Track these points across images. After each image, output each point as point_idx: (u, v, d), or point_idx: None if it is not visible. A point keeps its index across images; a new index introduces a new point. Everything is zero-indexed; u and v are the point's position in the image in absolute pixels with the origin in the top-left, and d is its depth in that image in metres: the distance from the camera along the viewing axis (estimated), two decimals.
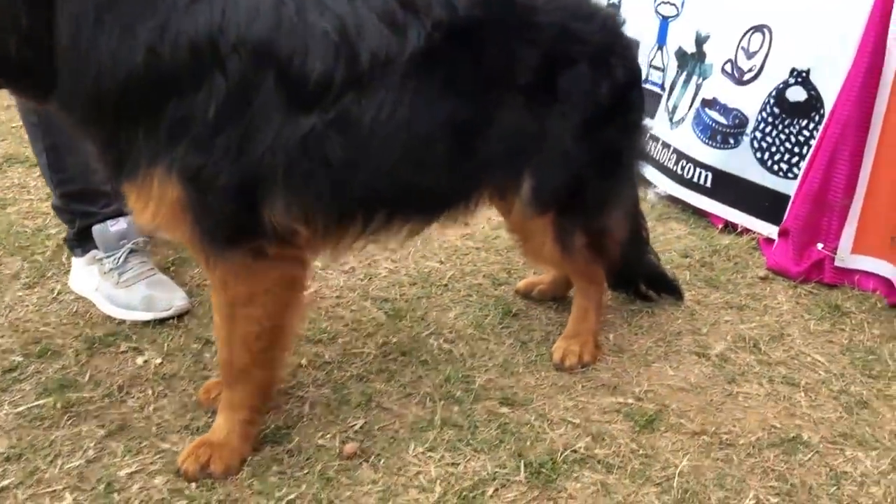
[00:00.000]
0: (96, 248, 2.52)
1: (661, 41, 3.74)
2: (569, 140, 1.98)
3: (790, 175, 2.95)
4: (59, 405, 2.02)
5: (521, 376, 2.23)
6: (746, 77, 3.10)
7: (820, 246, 2.78)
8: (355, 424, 2.00)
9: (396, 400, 2.11)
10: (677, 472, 1.86)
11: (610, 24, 2.06)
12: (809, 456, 1.94)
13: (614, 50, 2.03)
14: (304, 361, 2.26)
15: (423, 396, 2.12)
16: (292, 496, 1.75)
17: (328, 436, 1.95)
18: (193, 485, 1.77)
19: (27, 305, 2.50)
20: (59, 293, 2.58)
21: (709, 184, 3.26)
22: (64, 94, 1.59)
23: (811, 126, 2.88)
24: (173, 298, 2.45)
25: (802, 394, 2.19)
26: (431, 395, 2.12)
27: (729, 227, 3.19)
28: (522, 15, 1.89)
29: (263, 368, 1.87)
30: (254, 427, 1.89)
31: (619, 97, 2.04)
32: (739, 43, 3.18)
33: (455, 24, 1.76)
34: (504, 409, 2.07)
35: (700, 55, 3.45)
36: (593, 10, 2.06)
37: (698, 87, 3.42)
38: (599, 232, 2.21)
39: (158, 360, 2.25)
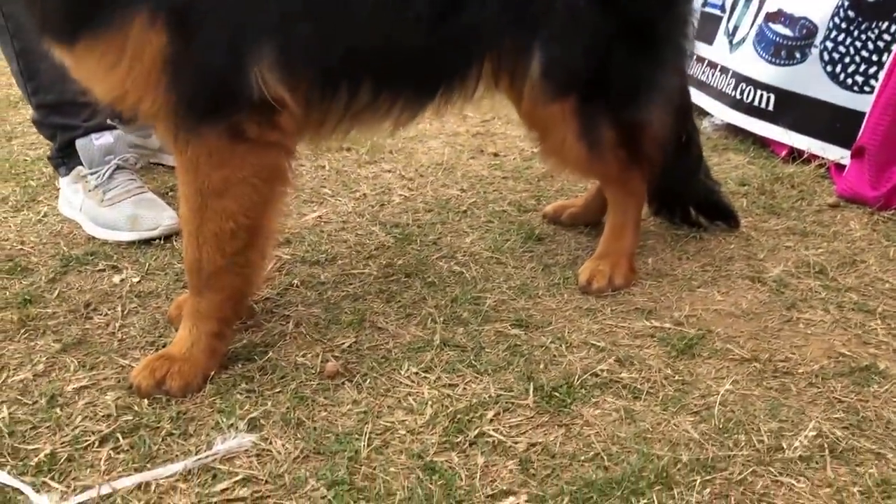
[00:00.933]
0: (81, 164, 2.31)
1: None
2: (584, 4, 1.65)
3: (866, 89, 2.55)
4: (16, 319, 1.80)
5: (541, 299, 1.93)
6: None
7: None
8: (343, 343, 1.73)
9: (394, 320, 1.83)
10: (719, 399, 1.53)
11: None
12: (886, 387, 1.59)
13: None
14: (296, 281, 2.00)
15: (423, 317, 1.83)
16: (256, 414, 1.49)
17: (310, 354, 1.69)
18: (146, 401, 1.53)
19: (9, 226, 2.32)
20: (44, 215, 2.39)
21: (772, 107, 2.87)
22: None
23: (892, 28, 2.48)
24: (161, 217, 2.22)
25: (879, 321, 1.83)
26: (433, 315, 1.83)
27: (794, 154, 2.81)
28: None
29: (237, 273, 1.60)
30: (222, 341, 1.63)
31: None
32: None
33: None
34: (516, 331, 1.77)
35: None
36: None
37: (762, 1, 3.04)
38: (634, 126, 1.87)
39: (136, 279, 2.02)
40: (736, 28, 3.19)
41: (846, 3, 2.59)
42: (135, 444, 1.42)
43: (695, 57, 3.44)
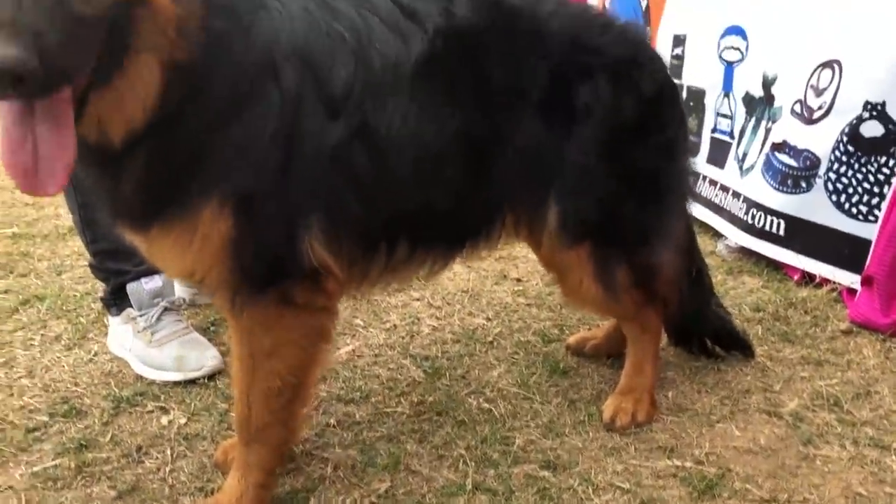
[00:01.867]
0: (131, 306, 2.47)
1: (728, 87, 3.57)
2: (594, 161, 1.82)
3: (870, 218, 2.69)
4: (73, 465, 1.92)
5: (567, 438, 2.02)
6: (816, 115, 2.88)
7: None
8: (379, 488, 1.83)
9: (427, 462, 1.93)
10: None
11: (630, 35, 1.91)
12: None
13: (636, 61, 1.87)
14: (332, 421, 2.11)
15: (455, 458, 1.93)
16: None
17: (349, 500, 1.78)
18: None
19: (62, 366, 2.46)
20: (95, 354, 2.53)
21: (782, 232, 3.01)
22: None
23: (891, 162, 2.63)
24: (205, 358, 2.36)
25: (894, 457, 1.90)
26: (465, 457, 1.93)
27: (807, 278, 2.92)
28: (527, 25, 1.77)
29: (282, 426, 1.73)
30: (267, 491, 1.74)
31: (649, 113, 1.87)
32: (808, 81, 2.97)
33: (455, 31, 1.67)
34: (545, 473, 1.86)
35: (768, 98, 3.25)
36: (608, 20, 1.92)
37: (768, 131, 3.22)
38: (646, 269, 2.00)
39: (183, 420, 2.14)
40: (745, 154, 3.36)
41: (845, 139, 2.75)
42: None
43: (708, 180, 3.61)
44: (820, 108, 2.87)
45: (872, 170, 2.69)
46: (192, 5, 1.37)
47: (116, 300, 2.50)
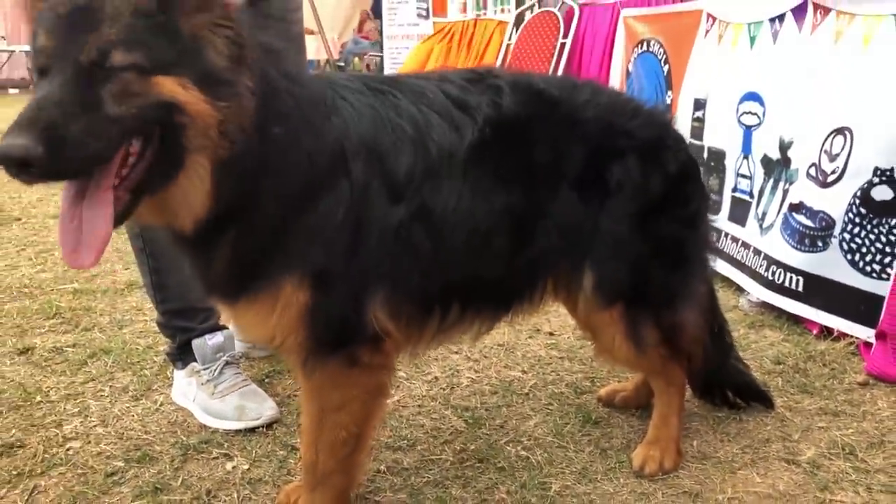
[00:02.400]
0: (195, 360, 2.70)
1: (746, 150, 3.77)
2: (625, 232, 2.02)
3: (884, 276, 2.85)
4: None
5: (600, 483, 2.19)
6: (830, 179, 3.07)
7: None
8: None
9: None
10: None
11: (657, 119, 2.14)
12: None
13: (663, 143, 2.09)
14: (382, 467, 2.30)
15: (497, 502, 2.11)
16: None
17: None
18: None
19: (132, 415, 2.68)
20: (161, 404, 2.75)
21: (801, 288, 3.18)
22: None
23: None
24: (263, 408, 2.57)
25: None
26: (506, 501, 2.11)
27: (825, 332, 3.08)
28: (566, 112, 1.99)
29: (345, 473, 1.94)
30: None
31: (674, 189, 2.08)
32: (822, 146, 3.17)
33: (502, 121, 1.89)
34: None
35: (785, 161, 3.45)
36: (636, 106, 2.14)
37: (785, 192, 3.40)
38: (672, 328, 2.19)
39: (246, 466, 2.34)
40: (765, 213, 3.54)
41: (858, 201, 2.93)
42: None
43: (730, 237, 3.80)
44: (833, 172, 3.06)
45: (884, 231, 2.86)
46: (239, 110, 1.55)
47: (182, 355, 2.73)
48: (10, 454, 2.44)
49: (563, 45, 6.22)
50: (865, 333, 2.89)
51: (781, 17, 3.49)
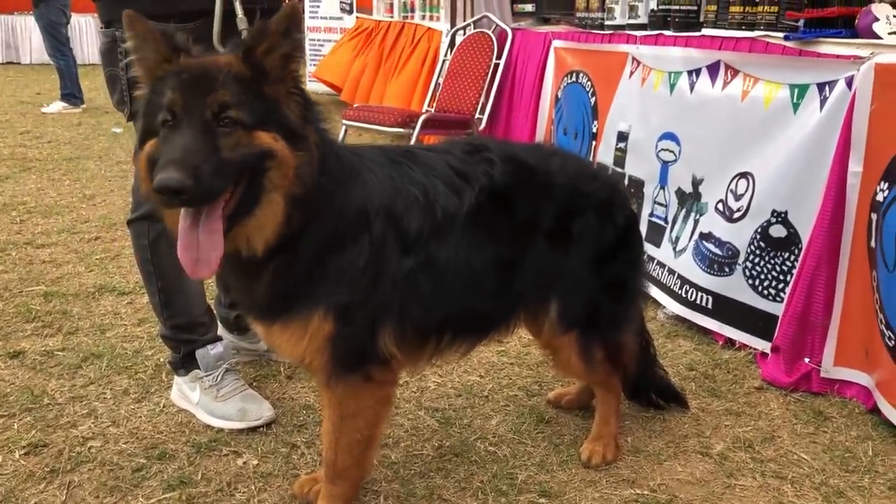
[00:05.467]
0: (197, 368, 3.04)
1: (663, 182, 4.34)
2: (585, 272, 2.52)
3: (778, 299, 3.46)
4: (183, 497, 2.50)
5: (556, 473, 2.69)
6: (736, 216, 3.67)
7: (807, 360, 3.26)
8: None
9: (454, 492, 2.57)
10: None
11: (610, 182, 2.68)
12: None
13: (614, 201, 2.61)
14: (375, 462, 2.73)
15: (475, 490, 2.58)
16: None
17: None
18: None
19: (140, 417, 3.01)
20: (164, 406, 3.09)
21: (710, 305, 3.77)
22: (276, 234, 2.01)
23: (791, 258, 3.42)
24: (262, 410, 2.96)
25: (789, 485, 2.63)
26: (483, 488, 2.58)
27: (729, 343, 3.69)
28: (542, 178, 2.47)
29: (359, 467, 2.37)
30: None
31: (622, 238, 2.60)
32: (728, 186, 3.76)
33: (493, 188, 2.34)
34: (543, 500, 2.53)
35: (696, 195, 4.03)
36: (595, 171, 2.69)
37: (696, 222, 3.99)
38: (615, 347, 2.71)
39: (255, 462, 2.73)
40: (678, 238, 4.13)
41: (758, 236, 3.54)
42: None
43: (646, 256, 4.37)
44: (738, 209, 3.66)
45: (779, 262, 3.47)
46: (309, 159, 1.99)
47: (185, 363, 3.07)
48: (37, 453, 2.75)
49: (496, 65, 6.68)
50: (762, 345, 3.50)
51: (698, 71, 4.06)
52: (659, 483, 2.64)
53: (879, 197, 2.97)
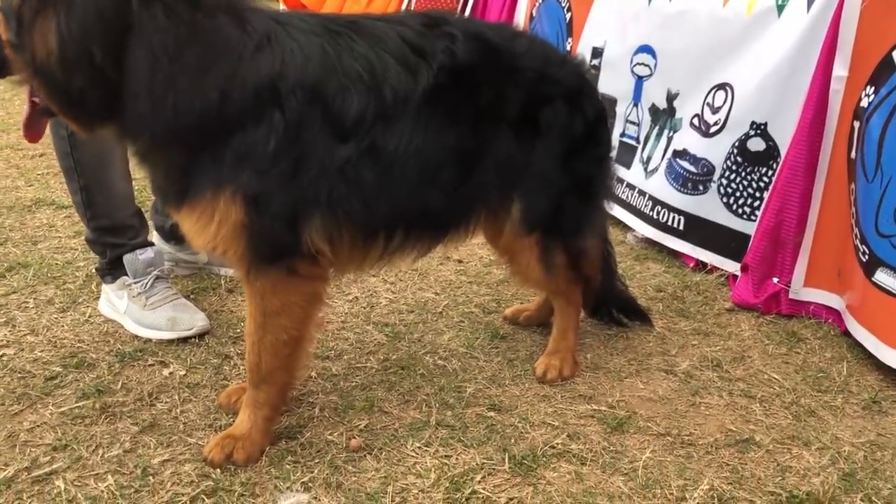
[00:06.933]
0: (125, 274, 2.80)
1: (637, 98, 4.10)
2: (551, 168, 2.29)
3: (752, 217, 3.27)
4: (97, 406, 2.28)
5: (508, 388, 2.50)
6: (712, 130, 3.45)
7: (775, 280, 3.08)
8: (360, 424, 2.26)
9: (396, 405, 2.37)
10: (642, 464, 2.12)
11: (578, 69, 2.40)
12: (760, 454, 2.20)
13: (583, 91, 2.36)
14: (313, 374, 2.53)
15: (419, 402, 2.38)
16: (305, 479, 2.00)
17: (336, 433, 2.21)
18: (218, 471, 2.02)
19: (62, 326, 2.78)
20: (90, 316, 2.86)
21: (681, 227, 3.57)
22: (135, 124, 1.83)
23: (770, 173, 3.21)
24: (195, 319, 2.73)
25: (758, 404, 2.45)
26: (427, 401, 2.39)
27: (700, 265, 3.49)
28: (508, 61, 2.21)
29: (286, 371, 2.14)
30: (272, 424, 2.15)
31: (590, 131, 2.35)
32: (705, 99, 3.53)
33: (455, 67, 2.08)
34: (491, 413, 2.33)
35: (671, 110, 3.80)
36: (563, 57, 2.41)
37: (670, 139, 3.77)
38: (577, 253, 2.49)
39: (183, 372, 2.51)
40: (649, 158, 3.91)
41: (735, 151, 3.32)
42: (217, 502, 1.92)
43: (616, 178, 4.16)
44: (715, 123, 3.43)
45: (755, 178, 3.26)
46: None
47: (112, 269, 2.83)
48: None
49: None
50: (734, 267, 3.31)
51: None
52: (618, 399, 2.45)
53: (864, 102, 2.75)
